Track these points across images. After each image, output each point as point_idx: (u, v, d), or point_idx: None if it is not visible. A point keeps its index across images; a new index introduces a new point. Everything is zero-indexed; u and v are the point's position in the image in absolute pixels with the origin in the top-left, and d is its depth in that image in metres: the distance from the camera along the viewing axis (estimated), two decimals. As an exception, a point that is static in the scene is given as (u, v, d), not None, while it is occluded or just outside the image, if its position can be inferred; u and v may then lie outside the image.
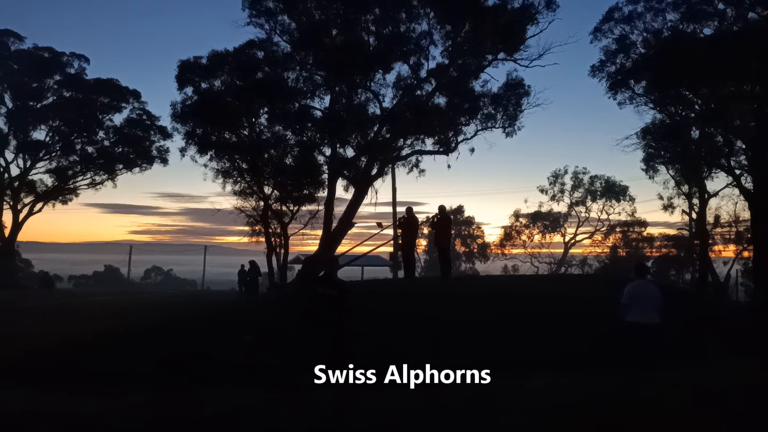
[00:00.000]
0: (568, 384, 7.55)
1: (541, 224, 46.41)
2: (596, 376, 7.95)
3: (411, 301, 11.67)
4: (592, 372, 8.25)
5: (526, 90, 22.30)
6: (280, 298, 15.07)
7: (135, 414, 6.65)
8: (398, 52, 21.58)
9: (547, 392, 7.15)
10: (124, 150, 41.26)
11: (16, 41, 39.05)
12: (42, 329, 14.43)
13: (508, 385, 7.48)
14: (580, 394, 6.89)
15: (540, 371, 8.27)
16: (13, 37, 39.06)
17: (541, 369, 8.40)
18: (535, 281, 18.14)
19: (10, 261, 40.90)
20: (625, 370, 7.91)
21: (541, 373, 8.13)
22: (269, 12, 21.84)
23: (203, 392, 7.96)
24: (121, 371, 9.18)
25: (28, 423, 6.12)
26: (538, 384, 7.59)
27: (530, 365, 8.65)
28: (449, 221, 15.86)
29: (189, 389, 8.16)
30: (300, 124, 22.23)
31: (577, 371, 8.30)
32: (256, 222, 23.62)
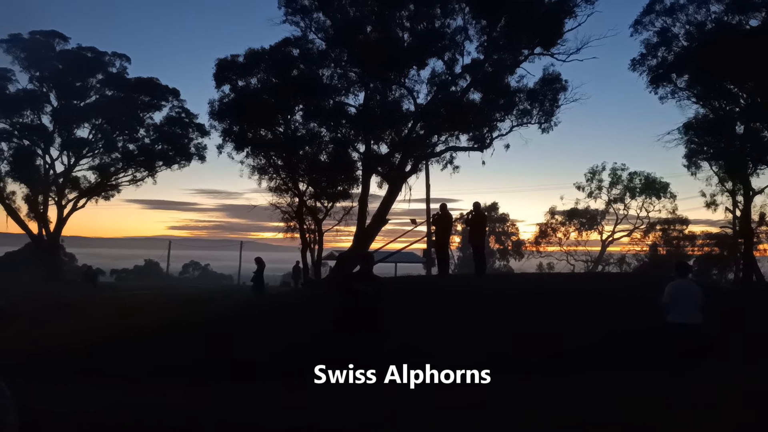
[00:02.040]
0: (600, 385, 7.42)
1: (578, 221, 45.67)
2: (630, 378, 7.78)
3: (443, 299, 11.64)
4: (628, 373, 8.09)
5: (563, 85, 21.98)
6: (315, 294, 15.24)
7: (175, 409, 6.80)
8: (433, 48, 21.48)
9: (579, 394, 7.05)
10: (164, 147, 42.21)
11: (60, 42, 40.32)
12: (87, 323, 14.90)
13: (545, 384, 7.40)
14: (613, 396, 6.76)
15: (576, 372, 8.16)
16: (58, 37, 40.34)
17: (577, 370, 8.29)
18: (571, 279, 17.86)
19: (55, 255, 42.34)
20: (659, 371, 7.71)
21: (577, 374, 8.02)
22: (305, 10, 22.01)
23: (242, 389, 8.07)
24: (164, 366, 9.37)
25: (78, 418, 6.31)
26: (575, 384, 7.49)
27: (565, 365, 8.54)
28: (484, 218, 15.76)
29: (227, 385, 8.29)
30: (334, 121, 22.37)
31: (613, 371, 8.15)
32: (291, 218, 23.87)
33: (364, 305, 7.28)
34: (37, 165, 40.56)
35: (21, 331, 12.87)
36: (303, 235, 23.36)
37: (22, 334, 12.47)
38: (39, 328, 14.36)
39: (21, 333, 12.64)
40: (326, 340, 8.16)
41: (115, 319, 15.23)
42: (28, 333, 12.95)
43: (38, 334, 13.02)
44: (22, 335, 12.39)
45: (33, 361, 9.58)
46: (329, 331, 8.02)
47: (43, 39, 39.65)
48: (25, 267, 43.71)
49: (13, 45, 38.71)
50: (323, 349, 8.14)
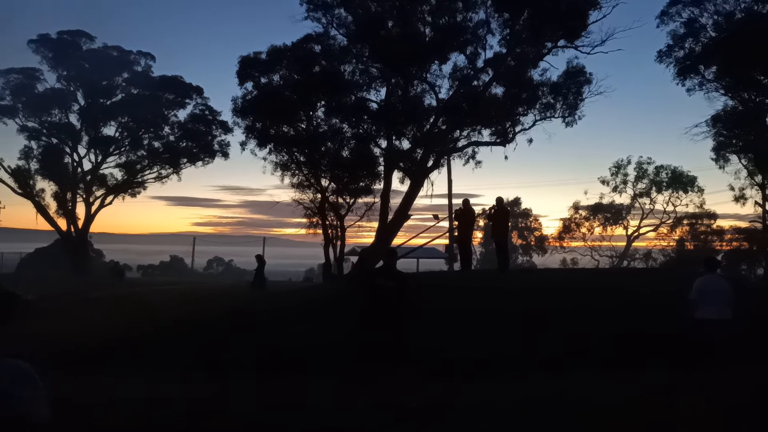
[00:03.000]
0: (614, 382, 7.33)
1: (602, 216, 45.09)
2: (656, 374, 7.67)
3: (465, 295, 11.60)
4: (653, 369, 7.97)
5: (588, 78, 21.63)
6: (338, 290, 15.31)
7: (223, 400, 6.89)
8: (455, 42, 21.33)
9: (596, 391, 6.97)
10: (188, 144, 42.76)
11: (87, 41, 41.02)
12: (116, 317, 15.19)
13: (576, 380, 7.34)
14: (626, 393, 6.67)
15: (602, 369, 8.07)
16: (85, 37, 41.04)
17: (602, 366, 8.20)
18: (595, 275, 17.63)
19: (84, 251, 43.21)
20: (687, 368, 7.58)
21: (603, 370, 7.94)
22: (326, 6, 22.03)
23: (269, 383, 8.15)
24: (192, 359, 9.52)
25: (107, 409, 6.44)
26: (600, 380, 7.41)
27: (590, 362, 8.45)
28: (507, 213, 15.67)
29: (258, 377, 8.36)
30: (356, 117, 22.37)
31: (639, 368, 8.04)
32: (314, 214, 23.97)
33: (387, 300, 7.29)
34: (66, 163, 41.40)
35: (51, 325, 13.17)
36: (325, 230, 23.44)
37: (52, 328, 12.76)
38: (69, 321, 14.67)
39: (51, 326, 12.93)
40: (351, 336, 8.19)
41: (143, 313, 15.50)
42: (58, 326, 13.25)
43: (68, 328, 13.30)
44: (53, 329, 12.68)
45: (63, 353, 9.79)
46: (353, 327, 8.06)
47: (70, 38, 40.38)
48: (55, 263, 44.68)
49: (42, 45, 39.49)
50: (348, 344, 8.18)
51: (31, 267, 45.73)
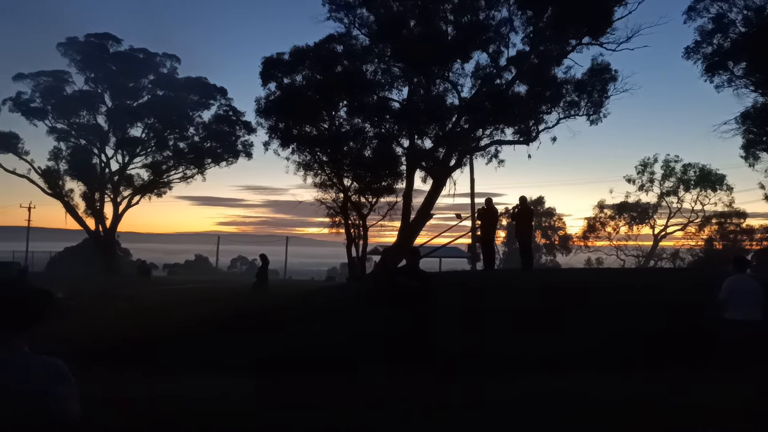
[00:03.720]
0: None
1: (628, 215, 44.47)
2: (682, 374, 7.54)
3: (489, 294, 11.55)
4: (681, 369, 7.84)
5: (613, 75, 21.33)
6: (361, 289, 15.36)
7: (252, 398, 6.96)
8: (477, 40, 21.22)
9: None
10: (212, 145, 43.31)
11: (114, 44, 41.81)
12: (144, 315, 15.48)
13: (598, 380, 7.26)
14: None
15: (625, 367, 7.96)
16: (112, 40, 41.83)
17: (625, 365, 8.09)
18: (621, 274, 17.40)
19: (112, 250, 44.06)
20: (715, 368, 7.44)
21: (625, 370, 7.83)
22: (348, 6, 22.09)
23: (304, 379, 8.21)
24: (218, 357, 9.63)
25: (138, 405, 6.56)
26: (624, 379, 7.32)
27: (614, 360, 8.35)
28: (530, 212, 15.56)
29: (289, 376, 8.41)
30: (378, 117, 22.39)
31: (663, 367, 7.91)
32: (336, 213, 24.05)
33: (411, 300, 7.29)
34: (94, 163, 42.26)
35: (81, 322, 13.48)
36: (348, 230, 23.51)
37: (82, 325, 13.06)
38: (98, 319, 15.01)
39: (81, 324, 13.24)
40: (375, 335, 8.22)
41: (169, 312, 15.76)
42: (88, 324, 13.55)
43: (97, 325, 13.61)
44: (83, 326, 12.98)
45: (93, 350, 10.01)
46: (376, 326, 8.08)
47: (97, 41, 41.18)
48: (83, 262, 45.64)
49: (70, 48, 40.37)
50: (371, 343, 8.21)
51: (61, 266, 46.78)
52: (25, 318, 2.47)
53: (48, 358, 2.48)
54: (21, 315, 2.45)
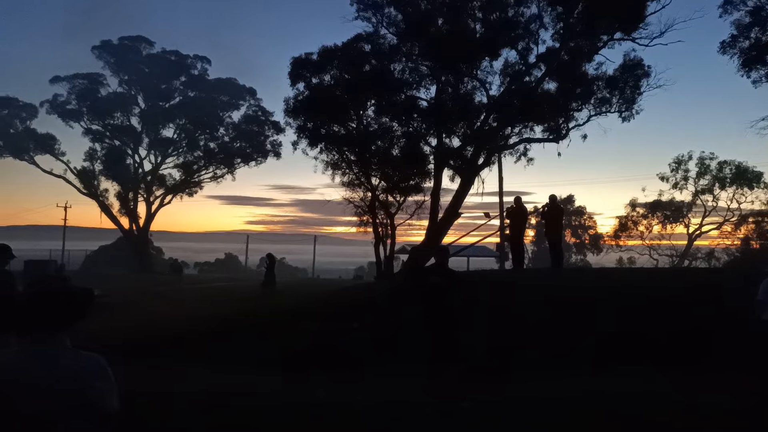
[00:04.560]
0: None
1: (661, 214, 43.52)
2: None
3: (520, 293, 11.43)
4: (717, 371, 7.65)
5: (646, 71, 20.90)
6: (389, 288, 15.38)
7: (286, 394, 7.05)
8: (506, 38, 21.02)
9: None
10: (242, 145, 43.90)
11: (146, 46, 42.67)
12: (178, 311, 15.77)
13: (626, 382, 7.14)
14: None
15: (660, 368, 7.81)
16: (144, 42, 42.69)
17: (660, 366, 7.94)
18: (655, 274, 17.04)
19: (145, 249, 44.99)
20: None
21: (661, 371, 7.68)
22: (376, 5, 22.10)
23: (335, 376, 8.27)
24: (254, 354, 9.75)
25: (175, 400, 6.69)
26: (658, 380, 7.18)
27: (648, 361, 8.19)
28: (560, 211, 15.36)
29: (319, 373, 8.48)
30: (406, 115, 22.37)
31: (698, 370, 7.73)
32: (364, 212, 24.12)
33: (440, 299, 7.28)
34: (128, 164, 43.21)
35: (117, 319, 13.80)
36: (376, 229, 23.56)
37: (118, 322, 13.37)
38: (133, 315, 15.37)
39: (117, 320, 13.55)
40: (404, 332, 8.23)
41: (203, 308, 16.03)
42: (124, 320, 13.87)
43: (133, 322, 13.92)
44: (118, 322, 13.28)
45: (130, 346, 10.23)
46: (405, 324, 8.09)
47: (130, 44, 42.08)
48: (118, 259, 46.71)
49: (104, 50, 41.33)
50: (401, 341, 8.22)
51: (96, 264, 47.96)
52: (68, 315, 2.55)
53: (88, 354, 2.55)
54: (64, 312, 2.53)
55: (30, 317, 2.52)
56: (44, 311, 2.50)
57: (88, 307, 2.56)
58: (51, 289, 2.52)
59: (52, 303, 2.51)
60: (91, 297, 2.57)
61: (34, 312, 2.52)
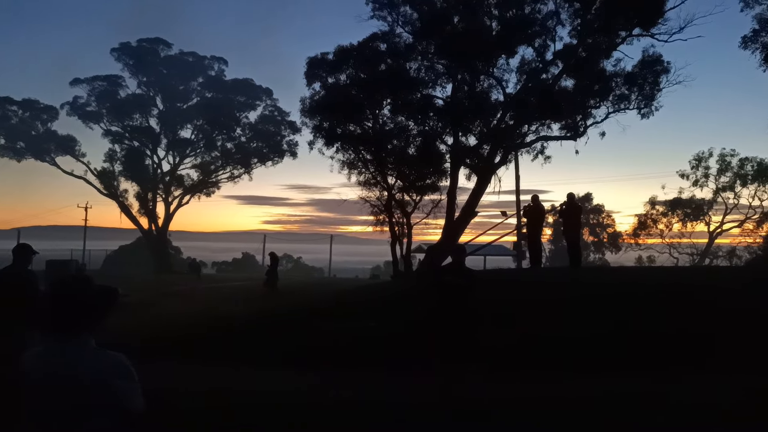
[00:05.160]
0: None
1: (681, 212, 42.95)
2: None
3: (539, 290, 11.36)
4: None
5: (665, 67, 20.61)
6: (406, 287, 15.37)
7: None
8: (522, 35, 20.87)
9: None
10: (258, 145, 44.15)
11: (165, 48, 43.06)
12: (198, 310, 15.92)
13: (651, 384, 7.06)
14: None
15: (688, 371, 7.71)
16: (162, 44, 43.09)
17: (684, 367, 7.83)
18: (677, 272, 16.80)
19: (164, 248, 45.46)
20: None
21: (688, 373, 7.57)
22: (391, 4, 22.08)
23: (347, 375, 8.30)
24: (276, 351, 9.80)
25: (199, 398, 6.75)
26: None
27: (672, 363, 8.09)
28: (579, 209, 15.23)
29: (337, 372, 8.51)
30: (422, 114, 22.31)
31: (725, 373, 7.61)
32: (380, 212, 24.12)
33: (457, 298, 7.25)
34: (146, 164, 43.67)
35: (138, 319, 13.96)
36: (392, 228, 23.55)
37: (139, 321, 13.52)
38: (154, 315, 15.54)
39: (138, 320, 13.71)
40: (421, 331, 8.22)
41: (223, 307, 16.17)
42: (145, 319, 14.03)
43: (154, 321, 14.09)
44: (140, 322, 13.44)
45: (151, 344, 10.34)
46: (422, 323, 8.08)
47: (149, 46, 42.49)
48: (137, 259, 47.27)
49: (123, 53, 41.80)
50: (418, 340, 8.22)
51: (116, 263, 48.57)
52: (93, 315, 2.58)
53: (112, 353, 2.59)
54: (89, 312, 2.57)
55: (54, 317, 2.56)
56: (68, 312, 2.54)
57: (112, 307, 2.60)
58: (74, 291, 2.56)
59: (76, 304, 2.55)
60: (116, 296, 2.61)
61: (57, 312, 2.56)
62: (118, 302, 2.64)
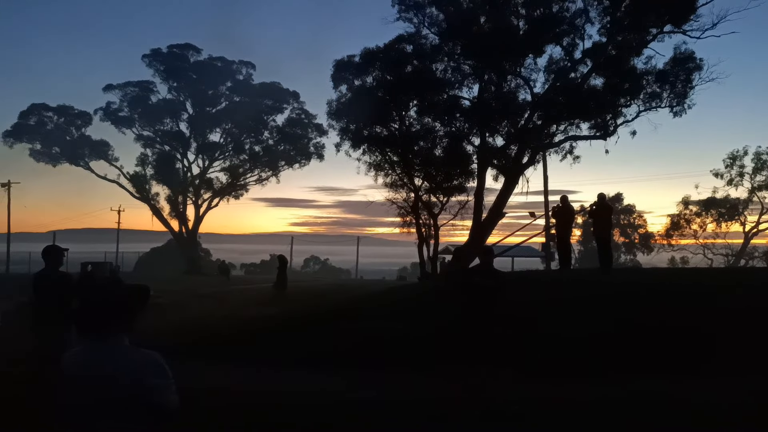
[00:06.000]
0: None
1: (716, 212, 41.90)
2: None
3: (569, 289, 11.21)
4: None
5: (698, 64, 20.16)
6: (433, 288, 15.32)
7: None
8: (550, 34, 20.65)
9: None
10: (286, 147, 44.56)
11: (194, 53, 43.77)
12: (230, 311, 16.16)
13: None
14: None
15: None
16: (192, 50, 43.81)
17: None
18: (714, 274, 16.40)
19: (194, 250, 46.18)
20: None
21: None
22: (418, 6, 22.07)
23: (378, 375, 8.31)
24: (311, 352, 9.86)
25: (233, 397, 6.85)
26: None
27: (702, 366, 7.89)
28: (609, 210, 14.98)
29: (375, 371, 8.51)
30: (449, 115, 22.25)
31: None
32: (407, 213, 24.12)
33: (485, 300, 7.20)
34: (177, 168, 44.43)
35: (170, 319, 14.21)
36: (419, 229, 23.52)
37: (171, 321, 13.76)
38: (186, 315, 15.80)
39: (170, 320, 13.95)
40: (448, 333, 8.19)
41: (253, 309, 16.35)
42: (177, 320, 14.28)
43: (186, 321, 14.32)
44: (172, 322, 13.67)
45: (184, 344, 10.49)
46: (450, 324, 8.05)
47: (179, 52, 43.25)
48: (168, 261, 48.09)
49: (154, 59, 42.61)
50: (445, 341, 8.18)
51: (148, 265, 49.52)
52: (128, 314, 2.64)
53: (146, 351, 2.64)
54: (124, 311, 2.63)
55: (89, 318, 2.63)
56: (102, 313, 2.61)
57: (144, 306, 2.66)
58: (107, 292, 2.63)
59: (109, 305, 2.61)
60: (147, 295, 2.67)
61: (92, 313, 2.62)
62: (149, 301, 2.69)
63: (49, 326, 6.13)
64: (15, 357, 7.48)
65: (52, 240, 41.46)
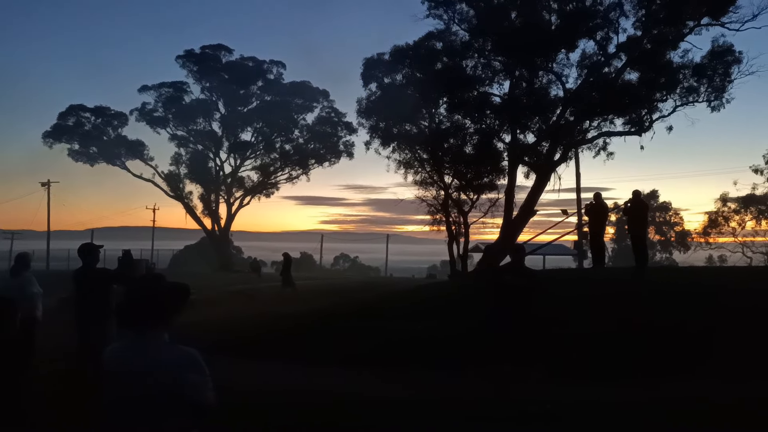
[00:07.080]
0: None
1: (755, 209, 40.66)
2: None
3: (601, 288, 11.02)
4: None
5: (737, 57, 19.56)
6: (464, 286, 15.25)
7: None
8: (583, 28, 20.28)
9: None
10: (316, 146, 44.88)
11: (226, 54, 44.40)
12: (263, 309, 16.37)
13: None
14: None
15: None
16: (224, 50, 44.45)
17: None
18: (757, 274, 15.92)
19: (226, 248, 46.91)
20: None
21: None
22: (447, 2, 21.93)
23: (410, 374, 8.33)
24: (342, 352, 9.92)
25: (268, 395, 6.93)
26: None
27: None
28: (645, 207, 14.67)
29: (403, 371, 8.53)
30: (479, 112, 22.07)
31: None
32: (437, 211, 24.04)
33: (517, 299, 7.12)
34: (209, 167, 45.18)
35: (207, 316, 14.44)
36: (449, 227, 23.42)
37: (208, 318, 13.98)
38: (222, 312, 16.07)
39: (207, 317, 14.17)
40: (478, 332, 8.14)
41: (284, 306, 16.51)
42: (212, 317, 14.50)
43: (221, 318, 14.55)
44: (209, 319, 13.89)
45: (220, 341, 10.67)
46: (480, 324, 7.99)
47: (211, 53, 43.93)
48: (201, 258, 48.95)
49: (187, 60, 43.37)
50: (475, 340, 8.14)
51: (182, 262, 50.50)
52: (167, 311, 2.70)
53: (184, 348, 2.69)
54: (163, 308, 2.68)
55: (130, 314, 2.69)
56: (143, 308, 2.66)
57: (184, 303, 2.70)
58: (148, 288, 2.68)
59: (150, 301, 2.67)
60: (188, 293, 2.72)
61: (134, 309, 2.68)
62: (189, 299, 2.74)
63: (89, 322, 6.28)
64: (59, 352, 7.71)
65: (90, 238, 42.59)
